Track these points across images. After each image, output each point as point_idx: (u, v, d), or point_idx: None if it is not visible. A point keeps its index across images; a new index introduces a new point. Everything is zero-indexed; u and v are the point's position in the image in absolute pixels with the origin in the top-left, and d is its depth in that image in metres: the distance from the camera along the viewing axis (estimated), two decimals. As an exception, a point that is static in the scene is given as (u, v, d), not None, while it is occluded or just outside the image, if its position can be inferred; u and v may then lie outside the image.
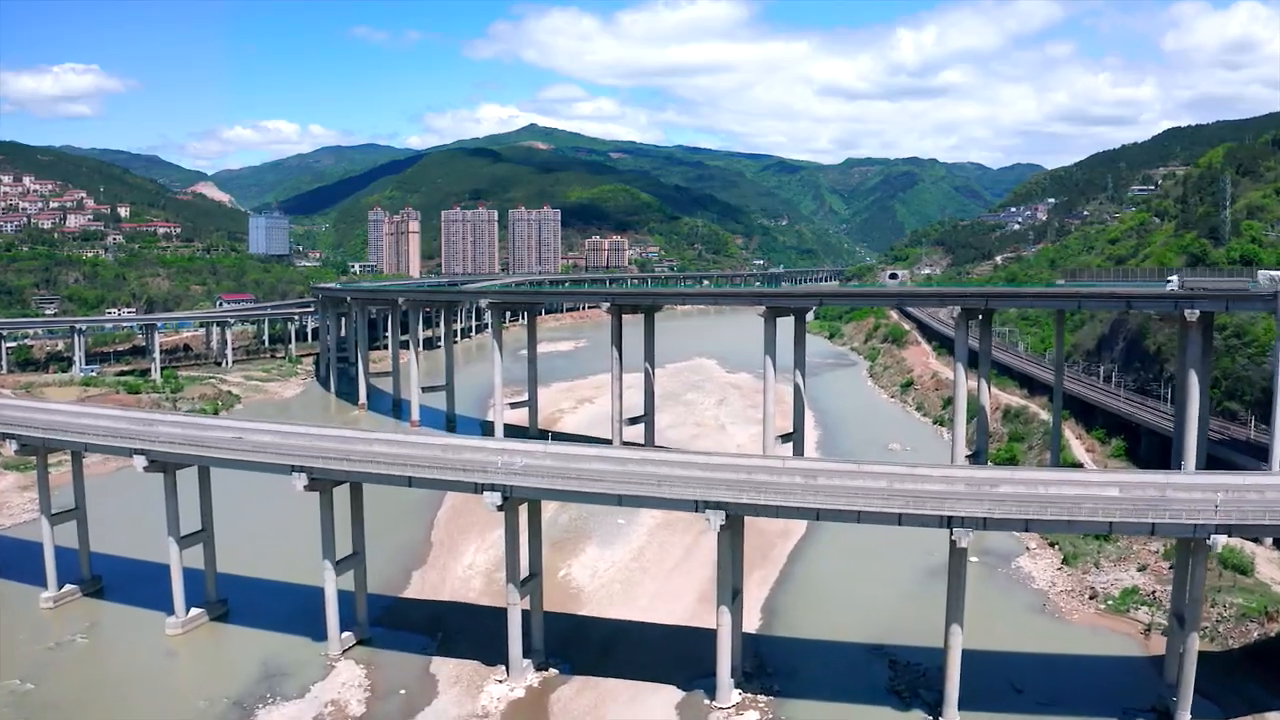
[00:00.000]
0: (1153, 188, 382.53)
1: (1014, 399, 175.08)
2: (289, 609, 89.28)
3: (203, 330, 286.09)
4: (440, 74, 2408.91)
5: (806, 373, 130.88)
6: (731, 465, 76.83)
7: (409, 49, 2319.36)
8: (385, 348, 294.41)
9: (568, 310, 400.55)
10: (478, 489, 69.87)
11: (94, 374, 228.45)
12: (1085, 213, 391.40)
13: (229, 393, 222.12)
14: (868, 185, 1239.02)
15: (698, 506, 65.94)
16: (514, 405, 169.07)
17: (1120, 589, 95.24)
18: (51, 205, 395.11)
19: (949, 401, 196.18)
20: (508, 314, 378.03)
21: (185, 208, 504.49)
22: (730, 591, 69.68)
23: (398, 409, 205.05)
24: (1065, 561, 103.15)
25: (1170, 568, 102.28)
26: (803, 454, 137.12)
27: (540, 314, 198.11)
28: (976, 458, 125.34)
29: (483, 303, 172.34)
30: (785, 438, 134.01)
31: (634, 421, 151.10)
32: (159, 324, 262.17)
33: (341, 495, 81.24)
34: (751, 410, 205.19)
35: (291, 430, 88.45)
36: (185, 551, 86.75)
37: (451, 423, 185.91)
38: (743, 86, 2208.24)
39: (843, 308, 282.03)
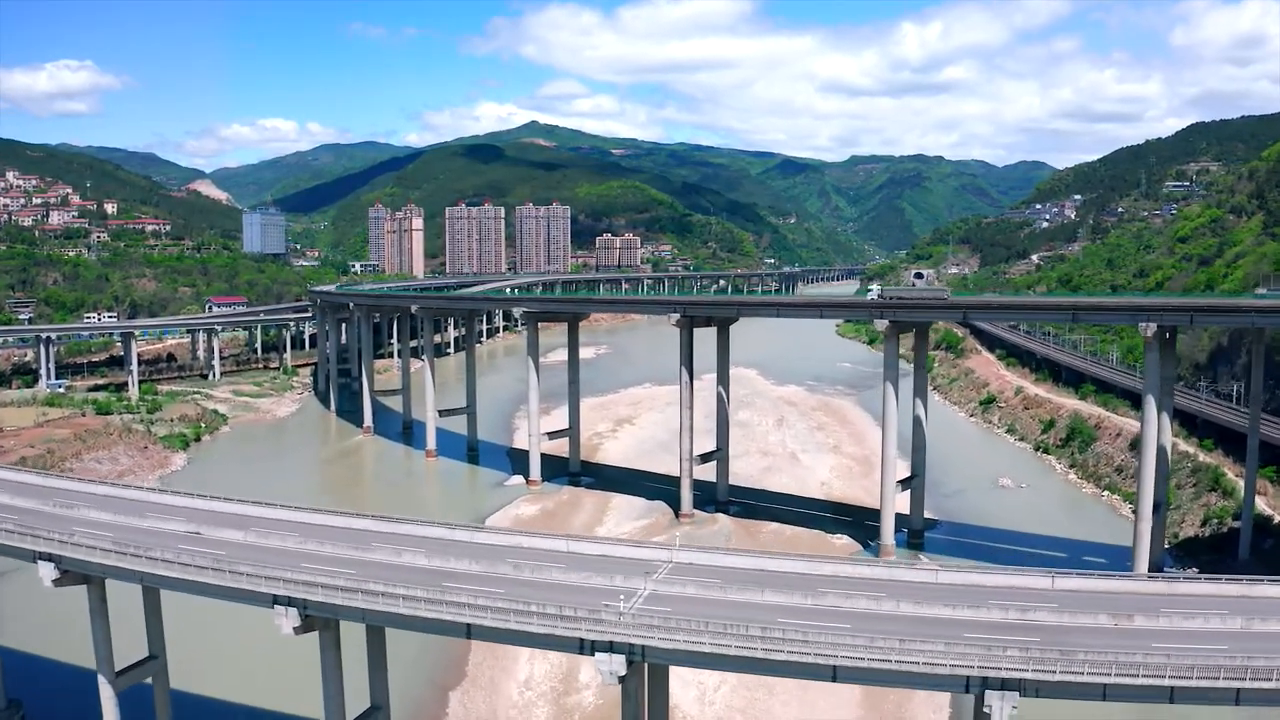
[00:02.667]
0: (1187, 183, 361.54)
1: (1133, 423, 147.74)
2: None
3: (188, 337, 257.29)
4: (438, 71, 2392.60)
5: (859, 384, 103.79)
6: (982, 588, 48.88)
7: (406, 45, 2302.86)
8: (390, 355, 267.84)
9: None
10: (584, 649, 42.27)
11: (61, 390, 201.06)
12: (1120, 209, 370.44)
13: (214, 411, 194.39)
14: (873, 184, 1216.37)
15: (969, 685, 38.75)
16: (551, 435, 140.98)
17: None
18: (34, 201, 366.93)
19: (1049, 425, 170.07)
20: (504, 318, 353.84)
21: (180, 205, 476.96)
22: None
23: (409, 433, 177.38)
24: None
25: None
26: (922, 504, 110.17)
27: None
28: (1157, 511, 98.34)
29: (516, 311, 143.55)
30: (904, 483, 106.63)
31: (704, 459, 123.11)
32: (138, 331, 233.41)
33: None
34: (819, 434, 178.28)
35: (280, 519, 60.32)
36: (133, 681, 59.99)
37: (473, 451, 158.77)
38: (744, 83, 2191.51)
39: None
